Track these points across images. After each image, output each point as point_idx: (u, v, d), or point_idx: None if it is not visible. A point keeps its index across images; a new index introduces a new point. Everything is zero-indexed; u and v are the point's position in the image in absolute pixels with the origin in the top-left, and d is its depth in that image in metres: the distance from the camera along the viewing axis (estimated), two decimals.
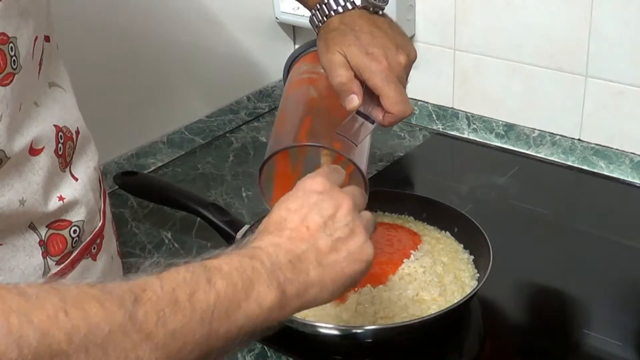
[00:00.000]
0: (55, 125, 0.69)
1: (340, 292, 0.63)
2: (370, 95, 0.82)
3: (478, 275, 0.95)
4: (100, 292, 0.49)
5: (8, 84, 0.61)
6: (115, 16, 1.20)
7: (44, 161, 0.67)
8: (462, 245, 1.01)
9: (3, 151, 0.62)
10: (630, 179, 1.20)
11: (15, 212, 0.64)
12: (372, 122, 0.82)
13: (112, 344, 0.47)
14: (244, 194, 1.22)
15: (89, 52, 1.16)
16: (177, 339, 0.51)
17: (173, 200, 1.11)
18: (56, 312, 0.46)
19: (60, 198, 0.69)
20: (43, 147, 0.66)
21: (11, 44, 0.61)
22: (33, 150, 0.65)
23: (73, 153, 0.72)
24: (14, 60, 0.62)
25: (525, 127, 1.29)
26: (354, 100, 0.80)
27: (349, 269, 0.63)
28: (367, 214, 0.67)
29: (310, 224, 0.62)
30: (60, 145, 0.69)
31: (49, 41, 0.70)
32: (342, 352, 0.90)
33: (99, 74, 1.18)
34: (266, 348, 0.90)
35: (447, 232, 1.03)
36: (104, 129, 1.16)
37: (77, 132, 0.73)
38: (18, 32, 0.62)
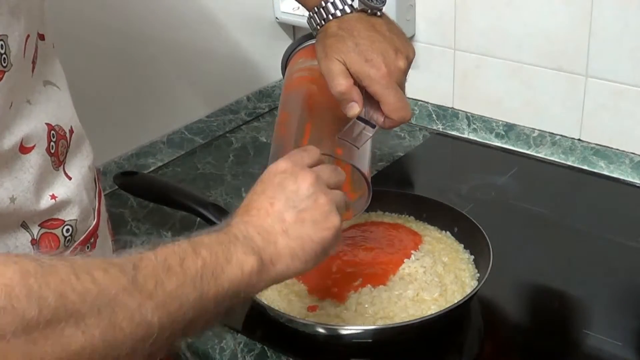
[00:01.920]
0: (47, 124, 0.68)
1: (313, 261, 0.68)
2: (371, 99, 0.82)
3: (478, 275, 0.95)
4: (103, 262, 0.54)
5: (44, 41, 0.62)
6: (116, 16, 1.20)
7: (35, 160, 0.67)
8: (462, 245, 1.01)
9: None
10: (630, 179, 1.20)
11: (5, 210, 0.64)
12: (373, 126, 0.83)
13: (119, 304, 0.52)
14: (244, 194, 1.19)
15: (89, 52, 1.16)
16: (174, 299, 0.56)
17: (173, 200, 1.11)
18: (69, 277, 0.50)
19: (53, 197, 0.69)
20: (34, 146, 0.66)
21: (1, 42, 0.61)
22: (23, 149, 0.65)
23: (67, 152, 0.72)
24: (4, 58, 0.61)
25: (525, 127, 1.29)
26: (355, 108, 0.82)
27: (317, 236, 0.68)
28: (337, 192, 0.72)
29: (274, 201, 0.69)
30: (52, 143, 0.69)
31: (43, 39, 0.70)
32: (343, 352, 0.90)
33: (99, 73, 1.18)
34: (266, 348, 0.90)
35: (448, 232, 1.03)
36: (104, 128, 1.17)
37: (72, 131, 0.73)
38: (8, 29, 0.61)
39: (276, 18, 1.45)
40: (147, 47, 1.26)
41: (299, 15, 1.39)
